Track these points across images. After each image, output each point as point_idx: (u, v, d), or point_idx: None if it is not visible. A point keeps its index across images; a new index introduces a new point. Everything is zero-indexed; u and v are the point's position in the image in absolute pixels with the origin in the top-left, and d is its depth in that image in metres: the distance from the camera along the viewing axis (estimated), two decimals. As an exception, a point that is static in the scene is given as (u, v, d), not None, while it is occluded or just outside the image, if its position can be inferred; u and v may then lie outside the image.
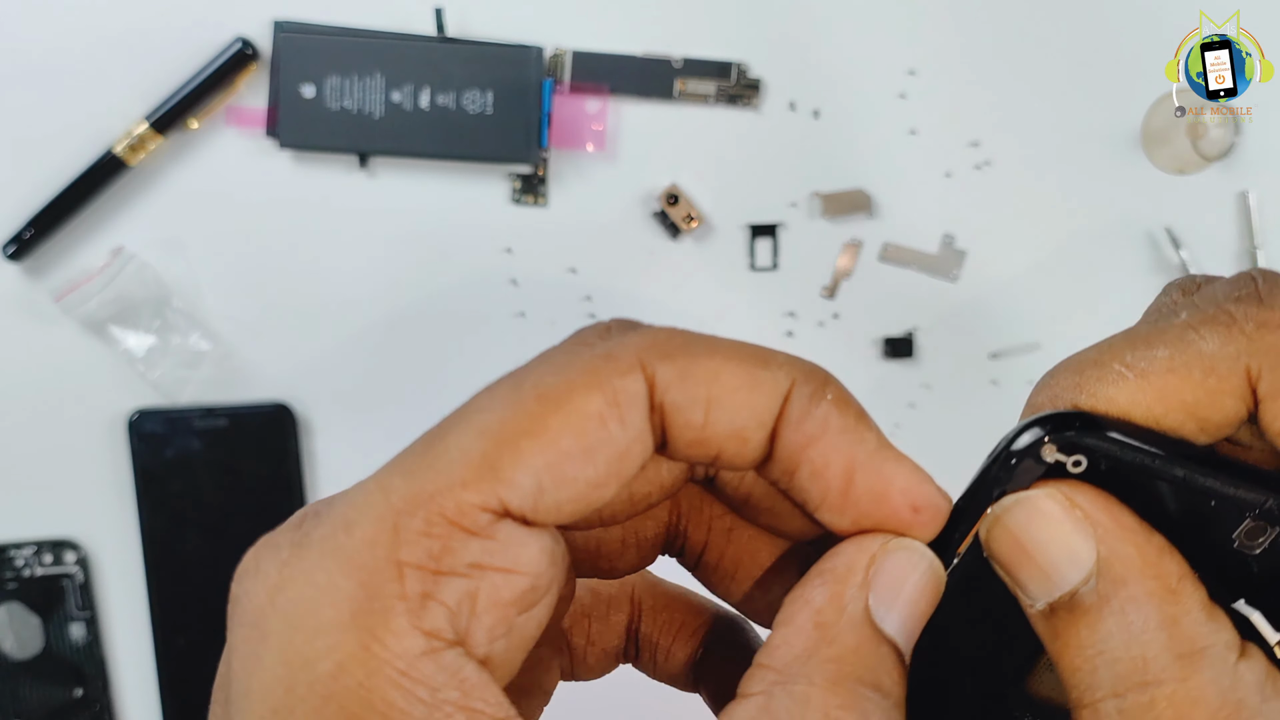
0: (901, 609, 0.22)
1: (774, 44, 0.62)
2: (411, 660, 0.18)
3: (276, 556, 0.20)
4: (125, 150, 0.61)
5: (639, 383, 0.21)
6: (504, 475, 0.20)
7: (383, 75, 0.61)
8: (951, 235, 0.64)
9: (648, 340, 0.21)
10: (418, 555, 0.19)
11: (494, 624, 0.20)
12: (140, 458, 0.63)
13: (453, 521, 0.19)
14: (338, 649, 0.18)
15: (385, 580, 0.19)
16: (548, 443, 0.20)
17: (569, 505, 0.20)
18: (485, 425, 0.20)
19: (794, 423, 0.22)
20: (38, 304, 0.63)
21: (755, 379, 0.22)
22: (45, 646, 0.65)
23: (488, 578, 0.20)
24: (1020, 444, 0.22)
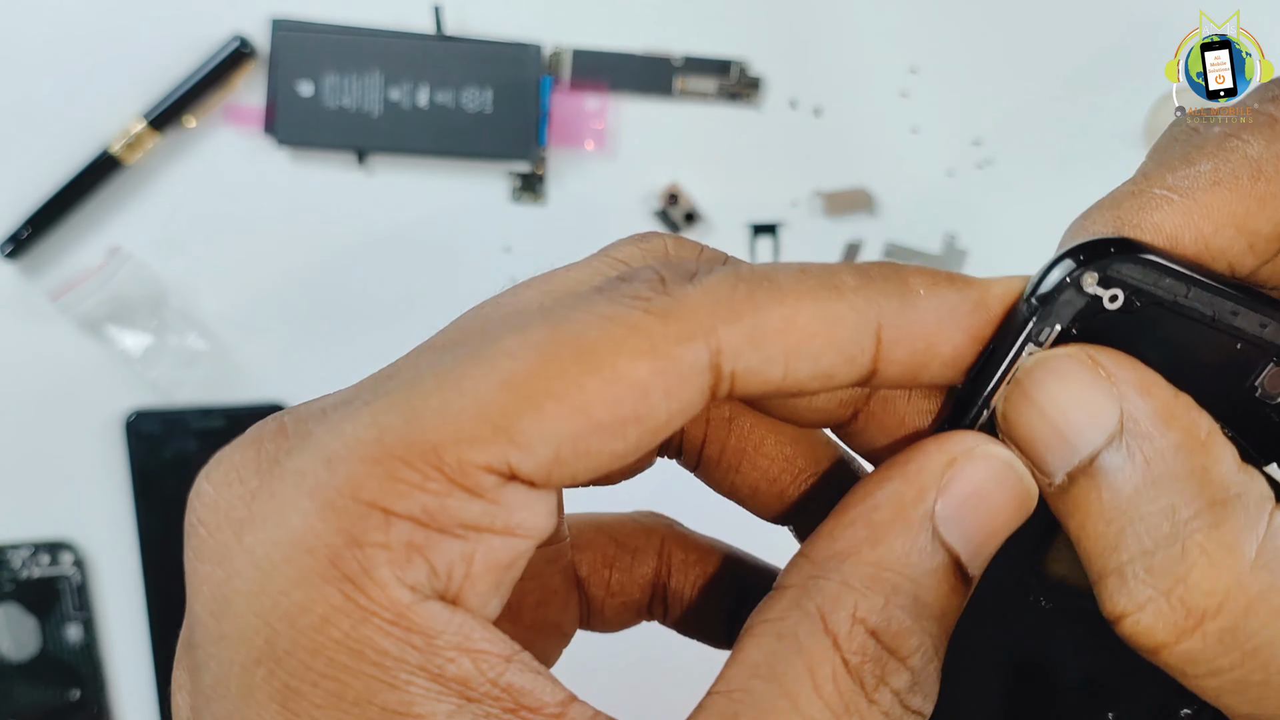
0: (974, 521, 0.20)
1: (775, 41, 0.62)
2: (399, 609, 0.17)
3: (243, 486, 0.18)
4: (122, 149, 0.60)
5: (701, 353, 0.18)
6: (520, 439, 0.17)
7: (381, 73, 0.60)
8: (953, 234, 0.64)
9: (710, 296, 0.19)
10: (409, 508, 0.17)
11: (489, 587, 0.18)
12: (137, 458, 0.63)
13: (453, 479, 0.17)
14: (320, 602, 0.17)
15: (369, 528, 0.17)
16: (577, 410, 0.18)
17: (585, 475, 0.18)
18: (510, 375, 0.18)
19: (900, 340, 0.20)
20: (34, 303, 0.63)
21: (833, 314, 0.19)
22: (42, 648, 0.65)
23: (485, 541, 0.18)
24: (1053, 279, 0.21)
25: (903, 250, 0.64)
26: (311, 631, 0.17)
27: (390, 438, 0.17)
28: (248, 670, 0.17)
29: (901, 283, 0.20)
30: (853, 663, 0.19)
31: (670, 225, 0.63)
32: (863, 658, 0.19)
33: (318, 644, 0.17)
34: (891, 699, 0.19)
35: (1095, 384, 0.20)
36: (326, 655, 0.17)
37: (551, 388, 0.18)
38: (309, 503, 0.17)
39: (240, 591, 0.17)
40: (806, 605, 0.19)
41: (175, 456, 0.63)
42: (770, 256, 0.64)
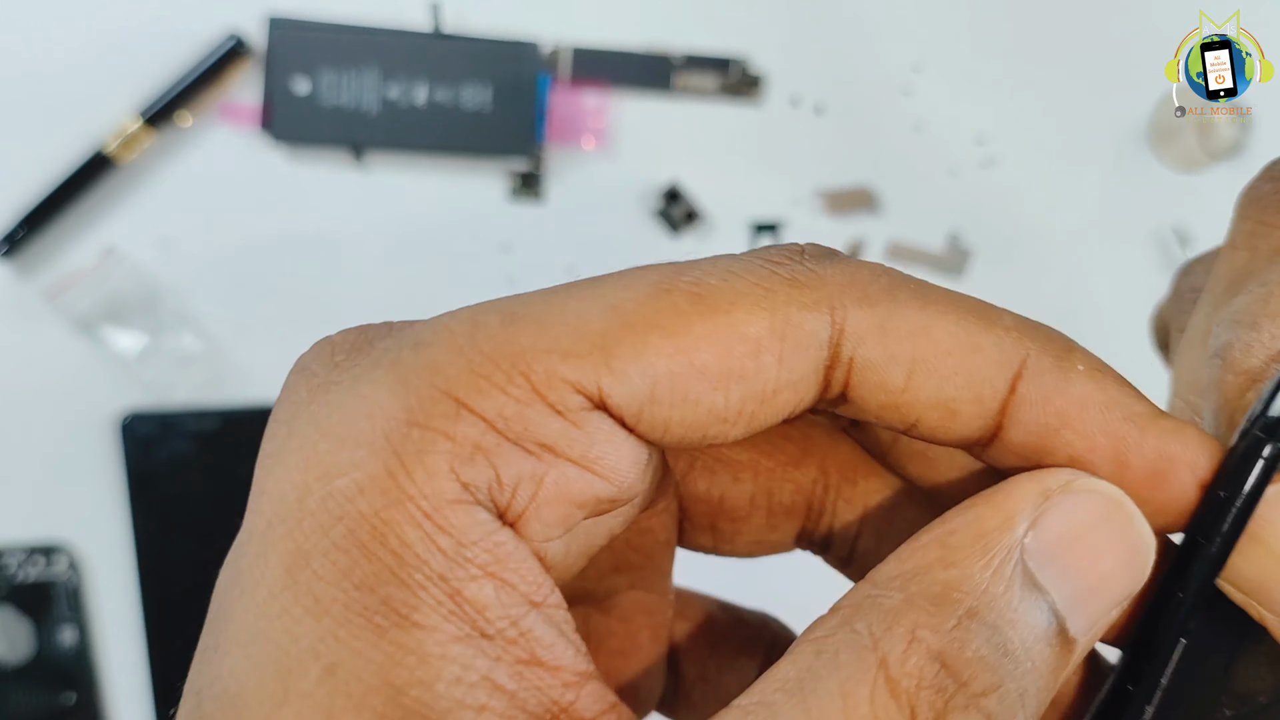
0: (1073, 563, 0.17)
1: (776, 39, 0.62)
2: (440, 503, 0.16)
3: (331, 357, 0.18)
4: (117, 147, 0.60)
5: (823, 324, 0.17)
6: (615, 364, 0.16)
7: (378, 70, 0.60)
8: (957, 233, 0.64)
9: (847, 276, 0.17)
10: (485, 407, 0.16)
11: (554, 520, 0.17)
12: (132, 460, 0.63)
13: (538, 389, 0.16)
14: (360, 467, 0.16)
15: (436, 412, 0.16)
16: (681, 348, 0.16)
17: (678, 428, 0.17)
18: (617, 302, 0.17)
19: (1037, 402, 0.18)
20: (29, 304, 0.62)
21: (976, 342, 0.18)
22: (36, 652, 0.64)
23: (559, 466, 0.16)
24: None
25: (905, 250, 0.63)
26: (341, 497, 0.16)
27: (483, 336, 0.16)
28: (271, 526, 0.16)
29: (1065, 348, 0.19)
30: (902, 685, 0.16)
31: (670, 224, 0.62)
32: (918, 683, 0.16)
33: (343, 511, 0.16)
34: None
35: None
36: (347, 526, 0.15)
37: (659, 320, 0.17)
38: (384, 375, 0.16)
39: (293, 447, 0.16)
40: (856, 623, 0.17)
41: (171, 459, 0.63)
42: (771, 256, 0.63)
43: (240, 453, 0.63)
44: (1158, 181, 0.64)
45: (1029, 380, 0.18)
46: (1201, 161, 0.62)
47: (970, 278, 0.64)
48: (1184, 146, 0.62)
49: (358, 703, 0.15)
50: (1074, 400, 0.18)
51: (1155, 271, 0.64)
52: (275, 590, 0.16)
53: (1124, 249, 0.64)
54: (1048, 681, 0.17)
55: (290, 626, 0.15)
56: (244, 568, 0.16)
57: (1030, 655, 0.17)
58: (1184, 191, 0.64)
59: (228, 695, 0.15)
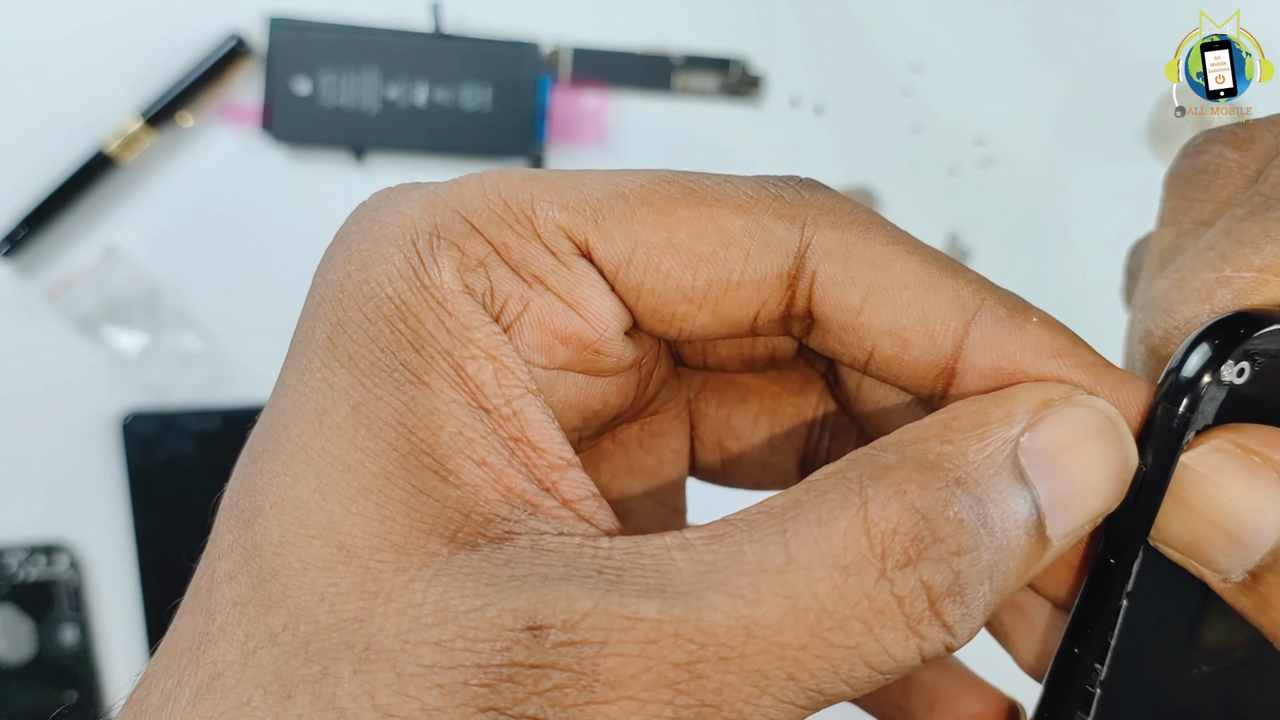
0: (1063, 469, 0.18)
1: (775, 39, 0.62)
2: (448, 293, 0.18)
3: (389, 194, 0.20)
4: (118, 147, 0.60)
5: (792, 235, 0.19)
6: (604, 224, 0.19)
7: (379, 71, 0.60)
8: (955, 233, 0.64)
9: (828, 203, 0.20)
10: (494, 234, 0.19)
11: (536, 344, 0.19)
12: (133, 459, 0.63)
13: (537, 230, 0.19)
14: (390, 260, 0.19)
15: (454, 230, 0.19)
16: (663, 224, 0.19)
17: (650, 297, 0.19)
18: (622, 181, 0.19)
19: (989, 346, 0.19)
20: (30, 303, 0.62)
21: (933, 281, 0.19)
22: (38, 651, 0.64)
23: (546, 297, 0.19)
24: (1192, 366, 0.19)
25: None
26: (373, 281, 0.19)
27: (505, 182, 0.19)
28: (319, 305, 0.19)
29: (1021, 304, 0.19)
30: (879, 528, 0.17)
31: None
32: (894, 528, 0.17)
33: (373, 292, 0.18)
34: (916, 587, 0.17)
35: (1256, 477, 0.18)
36: (376, 304, 0.18)
37: (651, 199, 0.19)
38: (420, 198, 0.19)
39: (340, 248, 0.20)
40: (849, 472, 0.18)
41: (171, 458, 0.63)
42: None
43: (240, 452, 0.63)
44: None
45: (982, 325, 0.19)
46: (1201, 161, 0.62)
47: (969, 277, 0.64)
48: (1183, 146, 0.62)
49: (376, 433, 0.18)
50: (1027, 346, 0.19)
51: (1154, 271, 0.64)
52: (319, 351, 0.19)
53: (1123, 248, 0.64)
54: (1018, 567, 0.18)
55: (328, 377, 0.18)
56: (298, 340, 0.20)
57: (1007, 535, 0.18)
58: (1183, 191, 0.64)
59: (274, 434, 0.19)
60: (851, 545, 0.17)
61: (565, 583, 0.16)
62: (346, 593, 0.17)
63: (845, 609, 0.17)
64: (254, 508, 0.18)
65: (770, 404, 0.25)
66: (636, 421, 0.24)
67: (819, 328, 0.20)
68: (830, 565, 0.17)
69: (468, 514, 0.17)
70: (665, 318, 0.20)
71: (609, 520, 0.18)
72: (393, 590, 0.16)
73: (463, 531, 0.17)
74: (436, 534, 0.17)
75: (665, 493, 0.25)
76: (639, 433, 0.25)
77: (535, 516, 0.18)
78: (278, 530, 0.17)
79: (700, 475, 0.26)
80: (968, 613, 0.17)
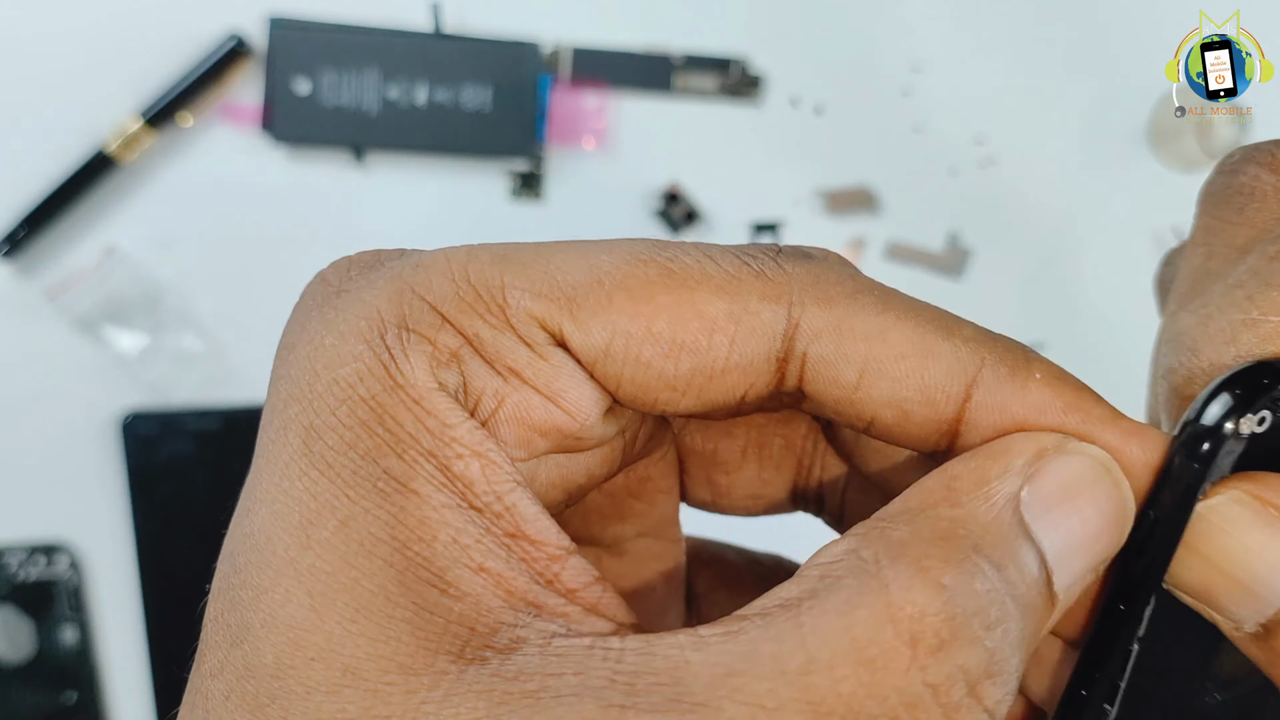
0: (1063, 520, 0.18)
1: (776, 39, 0.62)
2: (424, 391, 0.18)
3: (346, 271, 0.20)
4: (118, 147, 0.60)
5: (778, 316, 0.18)
6: (580, 313, 0.18)
7: (379, 70, 0.60)
8: (956, 233, 0.64)
9: (812, 276, 0.19)
10: (465, 324, 0.18)
11: (514, 439, 0.18)
12: (133, 460, 0.63)
13: (510, 321, 0.18)
14: (360, 358, 0.18)
15: (423, 320, 0.18)
16: (641, 312, 0.18)
17: (629, 386, 0.19)
18: (596, 262, 0.18)
19: (992, 408, 0.18)
20: (30, 303, 0.62)
21: (930, 348, 0.18)
22: (37, 651, 0.64)
23: (523, 391, 0.18)
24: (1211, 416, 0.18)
25: (905, 249, 0.63)
26: (345, 382, 0.18)
27: (474, 266, 0.18)
28: (287, 405, 0.18)
29: (1023, 359, 0.19)
30: (906, 613, 0.16)
31: (670, 224, 0.62)
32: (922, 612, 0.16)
33: (346, 394, 0.18)
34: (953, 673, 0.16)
35: (1272, 529, 0.18)
36: (350, 407, 0.18)
37: (628, 284, 0.18)
38: (384, 285, 0.19)
39: (303, 341, 0.19)
40: (863, 551, 0.17)
41: (171, 458, 0.63)
42: (771, 256, 0.63)
43: (241, 452, 0.63)
44: (1157, 181, 0.64)
45: (984, 387, 0.18)
46: (1200, 161, 0.62)
47: (969, 277, 0.64)
48: (1183, 147, 0.62)
49: (369, 550, 0.17)
50: (1031, 406, 0.18)
51: (1153, 270, 0.64)
52: (295, 457, 0.18)
53: (1123, 248, 0.64)
54: (1037, 630, 0.18)
55: (309, 486, 0.17)
56: (268, 440, 0.18)
57: (1026, 596, 0.17)
58: (1183, 191, 0.64)
59: (257, 545, 0.18)
60: (876, 636, 0.16)
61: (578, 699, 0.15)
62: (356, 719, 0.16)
63: (874, 707, 0.15)
64: (242, 624, 0.17)
65: (757, 436, 0.24)
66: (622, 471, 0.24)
67: (813, 401, 0.19)
68: (854, 661, 0.16)
69: (473, 627, 0.17)
70: (648, 403, 0.19)
71: (616, 606, 0.18)
72: (404, 714, 0.16)
73: (470, 646, 0.16)
74: (443, 651, 0.16)
75: (660, 528, 0.25)
76: (626, 480, 0.24)
77: (541, 618, 0.17)
78: (271, 651, 0.17)
79: (692, 504, 0.25)
80: (1007, 691, 0.17)
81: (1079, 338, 0.65)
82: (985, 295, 0.64)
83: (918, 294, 0.48)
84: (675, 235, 0.63)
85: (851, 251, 0.64)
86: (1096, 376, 0.68)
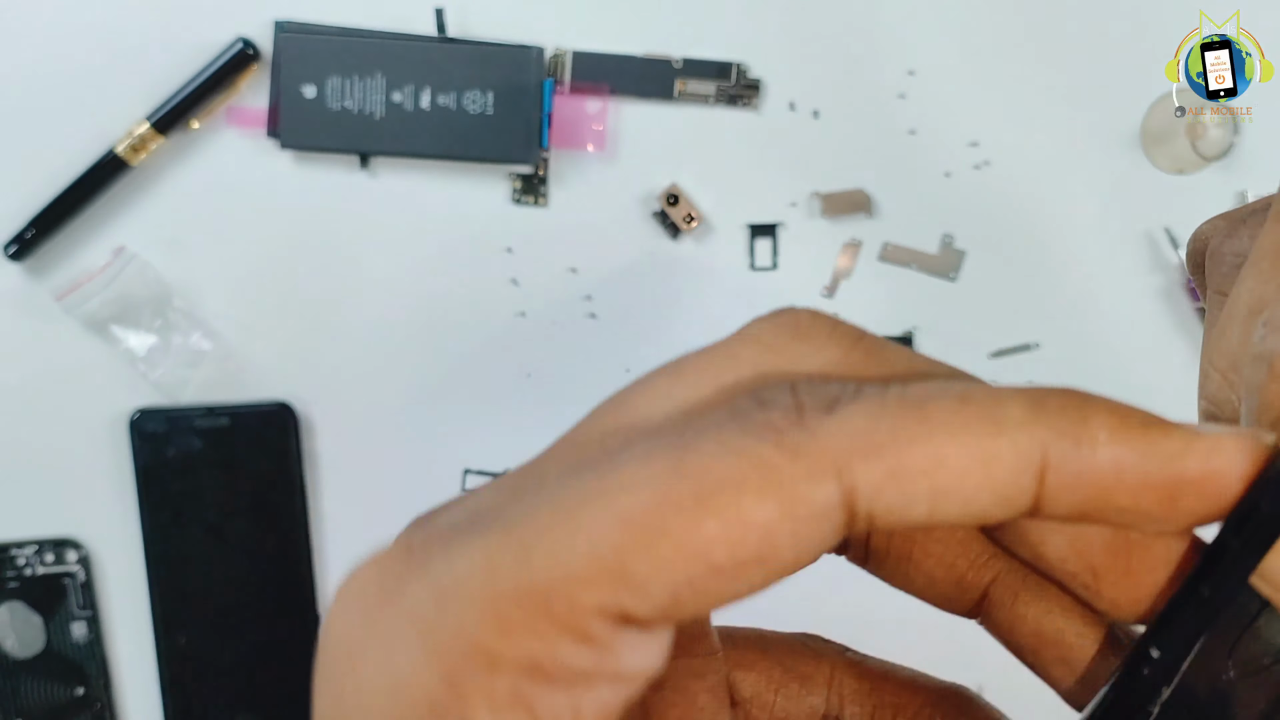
0: None
1: (774, 44, 0.63)
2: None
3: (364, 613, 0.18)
4: (126, 150, 0.61)
5: (832, 494, 0.17)
6: (633, 581, 0.16)
7: (383, 75, 0.61)
8: (951, 235, 0.64)
9: (846, 432, 0.17)
10: (516, 654, 0.16)
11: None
12: (142, 457, 0.63)
13: (563, 625, 0.16)
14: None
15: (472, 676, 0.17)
16: (696, 554, 0.16)
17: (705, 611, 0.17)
18: (627, 512, 0.17)
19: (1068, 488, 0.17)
20: (39, 304, 0.63)
21: (987, 455, 0.17)
22: (46, 645, 0.65)
23: (595, 689, 0.17)
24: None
25: (900, 251, 0.64)
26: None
27: (501, 578, 0.17)
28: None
29: (1080, 420, 0.18)
30: None
31: (670, 226, 0.63)
32: None
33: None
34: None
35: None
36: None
37: (669, 527, 0.16)
38: (417, 644, 0.17)
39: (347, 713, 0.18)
40: None
41: (179, 455, 0.64)
42: (770, 257, 0.64)
43: (248, 450, 0.64)
44: (1150, 183, 0.64)
45: (1055, 471, 0.17)
46: (1193, 163, 0.63)
47: (963, 279, 0.64)
48: (1176, 149, 0.63)
49: None
50: (1107, 473, 0.18)
51: (1148, 272, 0.64)
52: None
53: (1117, 250, 0.65)
54: None
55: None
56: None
57: None
58: (1176, 193, 0.64)
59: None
60: None
61: None
62: None
63: None
64: None
65: None
66: None
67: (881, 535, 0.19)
68: None
69: None
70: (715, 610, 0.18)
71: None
72: None
73: None
74: None
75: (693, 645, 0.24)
76: None
77: None
78: None
79: None
80: None
81: (1072, 339, 0.65)
82: (979, 297, 0.65)
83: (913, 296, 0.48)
84: (675, 238, 0.64)
85: (848, 253, 0.64)
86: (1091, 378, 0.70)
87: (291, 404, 0.64)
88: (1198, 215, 0.63)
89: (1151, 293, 0.65)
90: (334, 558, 0.65)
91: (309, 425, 0.65)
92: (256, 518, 0.64)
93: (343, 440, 0.65)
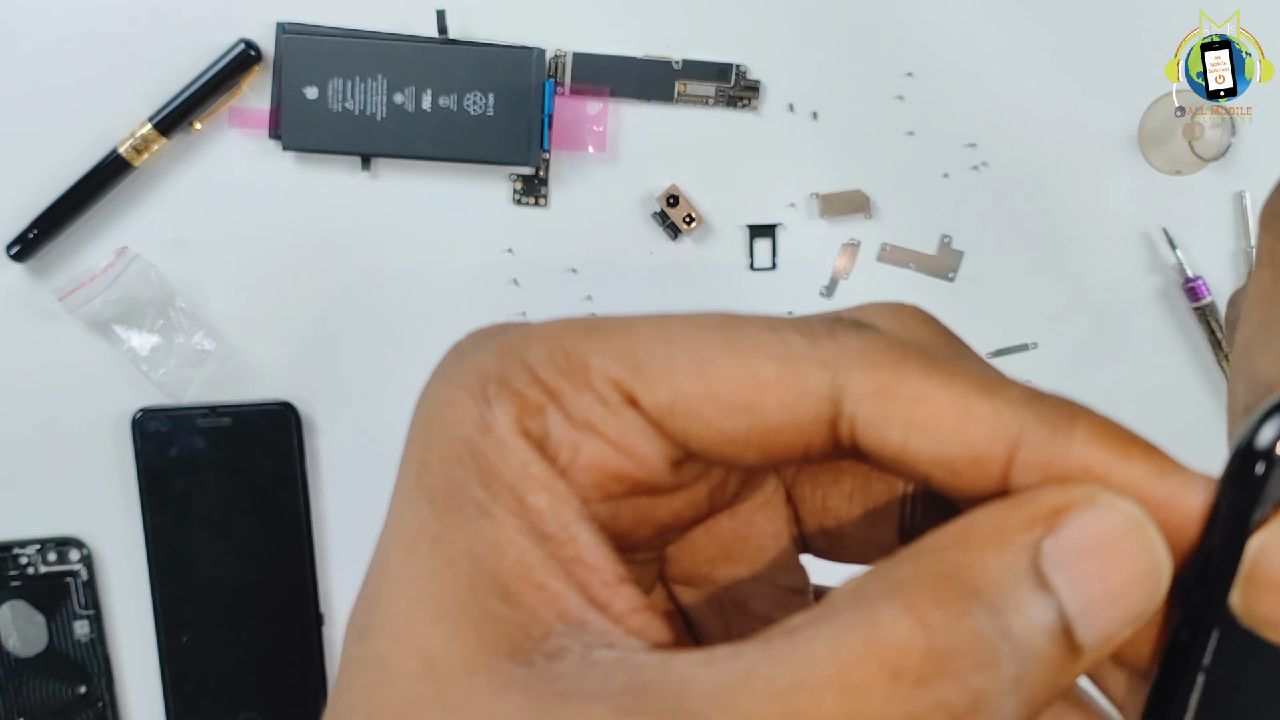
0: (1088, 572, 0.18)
1: (773, 46, 0.63)
2: (508, 435, 0.20)
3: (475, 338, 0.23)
4: (129, 151, 0.61)
5: (824, 382, 0.20)
6: (647, 375, 0.20)
7: (385, 77, 0.61)
8: (949, 236, 0.64)
9: (858, 345, 0.20)
10: (552, 382, 0.21)
11: (589, 483, 0.21)
12: (144, 456, 0.64)
13: (589, 381, 0.20)
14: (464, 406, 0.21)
15: (519, 378, 0.21)
16: (701, 376, 0.20)
17: (696, 441, 0.21)
18: (670, 333, 0.21)
19: (1035, 469, 0.19)
20: (42, 304, 0.63)
21: (970, 410, 0.19)
22: (49, 644, 0.65)
23: (596, 442, 0.21)
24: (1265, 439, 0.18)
25: (898, 252, 0.64)
26: (451, 424, 0.21)
27: (568, 336, 0.21)
28: (410, 444, 0.22)
29: (1066, 418, 0.19)
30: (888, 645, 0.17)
31: (670, 227, 0.63)
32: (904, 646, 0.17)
33: (450, 435, 0.21)
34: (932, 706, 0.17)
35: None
36: (451, 445, 0.21)
37: (692, 349, 0.20)
38: (495, 349, 0.21)
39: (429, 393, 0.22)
40: (866, 587, 0.18)
41: (182, 454, 0.64)
42: (769, 257, 0.64)
43: (250, 450, 0.64)
44: (1148, 184, 0.64)
45: (1026, 447, 0.19)
46: (1191, 164, 0.63)
47: (961, 279, 0.65)
48: (1173, 149, 0.63)
49: (452, 563, 0.20)
50: (1075, 464, 0.19)
51: (1145, 273, 0.65)
52: (410, 486, 0.21)
53: (1114, 250, 0.65)
54: (1047, 675, 0.18)
55: (415, 512, 0.21)
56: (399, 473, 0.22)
57: (1030, 644, 0.17)
58: (1174, 194, 0.64)
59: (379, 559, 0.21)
60: (859, 665, 0.17)
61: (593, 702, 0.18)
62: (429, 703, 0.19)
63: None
64: (365, 624, 0.21)
65: (862, 482, 0.25)
66: (727, 511, 0.25)
67: (870, 457, 0.20)
68: (838, 687, 0.16)
69: (527, 634, 0.19)
70: (715, 456, 0.21)
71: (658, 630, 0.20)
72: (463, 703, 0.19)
73: (522, 649, 0.19)
74: (501, 652, 0.19)
75: (776, 574, 0.26)
76: (731, 522, 0.26)
77: (586, 632, 0.19)
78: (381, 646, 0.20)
79: (815, 555, 0.26)
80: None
81: (1070, 340, 0.65)
82: (977, 297, 0.65)
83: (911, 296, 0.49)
84: (675, 238, 0.64)
85: (847, 254, 0.65)
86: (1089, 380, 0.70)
87: (294, 404, 0.64)
88: (1195, 217, 0.64)
89: (1149, 293, 0.65)
90: (335, 557, 0.66)
91: (311, 425, 0.65)
92: (259, 517, 0.64)
93: (345, 440, 0.65)
